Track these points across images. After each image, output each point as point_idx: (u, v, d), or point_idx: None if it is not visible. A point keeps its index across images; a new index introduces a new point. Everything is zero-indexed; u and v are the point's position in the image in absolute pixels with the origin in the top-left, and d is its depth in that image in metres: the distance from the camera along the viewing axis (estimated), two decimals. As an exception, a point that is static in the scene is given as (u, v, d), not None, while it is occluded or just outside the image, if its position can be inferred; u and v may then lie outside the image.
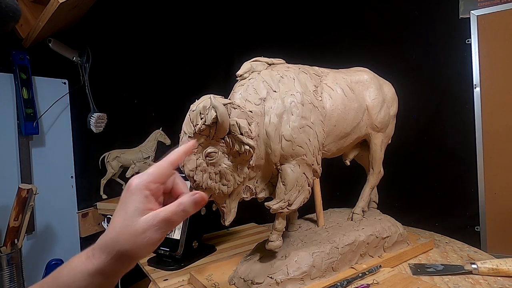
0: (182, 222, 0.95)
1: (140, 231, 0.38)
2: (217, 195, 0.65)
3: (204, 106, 0.60)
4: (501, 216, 1.17)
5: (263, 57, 0.78)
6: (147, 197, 0.40)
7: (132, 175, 0.48)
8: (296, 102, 0.71)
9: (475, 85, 1.21)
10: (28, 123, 1.32)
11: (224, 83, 1.73)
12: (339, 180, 1.31)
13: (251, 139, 0.63)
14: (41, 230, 1.39)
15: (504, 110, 1.16)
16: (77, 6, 1.26)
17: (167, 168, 0.43)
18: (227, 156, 0.64)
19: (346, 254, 0.79)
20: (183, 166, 0.63)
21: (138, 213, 0.39)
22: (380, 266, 0.80)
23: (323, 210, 0.94)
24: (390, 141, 0.97)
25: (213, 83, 1.78)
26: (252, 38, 1.69)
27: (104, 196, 1.62)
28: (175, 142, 0.61)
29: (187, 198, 0.42)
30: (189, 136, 0.61)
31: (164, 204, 0.42)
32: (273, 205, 0.71)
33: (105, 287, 0.40)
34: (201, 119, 0.59)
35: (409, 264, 0.86)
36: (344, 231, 0.84)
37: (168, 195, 0.45)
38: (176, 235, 0.95)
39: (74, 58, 1.51)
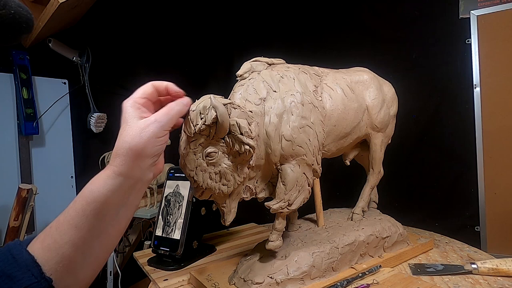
0: (182, 222, 0.95)
1: (142, 126, 0.45)
2: (217, 195, 0.65)
3: (204, 106, 0.60)
4: (501, 216, 1.17)
5: (263, 57, 0.78)
6: (139, 108, 0.48)
7: None
8: (296, 102, 0.71)
9: (475, 85, 1.21)
10: (28, 123, 1.32)
11: (224, 83, 1.73)
12: (339, 180, 1.31)
13: (251, 139, 0.63)
14: (41, 230, 1.39)
15: (504, 110, 1.16)
16: (77, 6, 1.26)
17: (149, 87, 0.51)
18: (227, 156, 0.64)
19: (346, 254, 0.79)
20: (183, 166, 0.63)
21: (137, 118, 0.46)
22: (380, 266, 0.80)
23: (323, 210, 0.94)
24: (390, 141, 0.97)
25: (213, 83, 1.78)
26: (252, 38, 1.69)
27: (104, 196, 1.62)
28: (175, 142, 0.61)
29: (179, 100, 0.53)
30: (188, 136, 0.61)
31: None
32: (273, 205, 0.71)
33: (126, 188, 0.44)
34: (201, 119, 0.59)
35: (409, 264, 0.86)
36: (344, 231, 0.84)
37: None
38: (176, 235, 0.95)
39: (74, 58, 1.51)
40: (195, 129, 0.60)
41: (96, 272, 0.45)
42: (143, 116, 0.47)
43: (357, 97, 0.85)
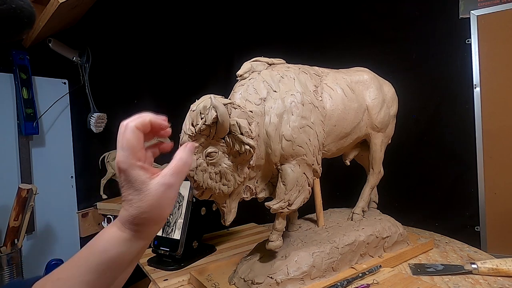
0: (182, 222, 0.95)
1: (159, 194, 0.42)
2: (217, 195, 0.65)
3: (205, 106, 0.60)
4: (501, 216, 1.17)
5: (263, 57, 0.78)
6: (142, 168, 0.43)
7: None
8: (296, 102, 0.71)
9: (475, 85, 1.21)
10: (28, 123, 1.32)
11: (224, 83, 1.73)
12: (339, 180, 1.31)
13: (252, 139, 0.63)
14: (41, 230, 1.39)
15: (504, 110, 1.16)
16: (77, 6, 1.26)
17: (135, 134, 0.43)
18: (227, 156, 0.64)
19: (346, 254, 0.79)
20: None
21: (146, 183, 0.42)
22: (380, 266, 0.80)
23: (323, 210, 0.94)
24: (390, 141, 0.97)
25: (213, 83, 1.78)
26: (252, 38, 1.69)
27: (104, 196, 1.62)
28: (175, 142, 0.61)
29: (182, 149, 0.46)
30: (189, 136, 0.61)
31: None
32: (273, 205, 0.71)
33: (142, 248, 0.44)
34: (201, 119, 0.59)
35: (409, 264, 0.86)
36: (344, 231, 0.84)
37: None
38: (176, 235, 0.95)
39: (74, 58, 1.51)
40: (195, 129, 0.60)
41: None
42: (150, 177, 0.42)
43: (357, 97, 0.85)
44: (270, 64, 0.78)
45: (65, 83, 1.51)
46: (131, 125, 0.43)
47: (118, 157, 0.43)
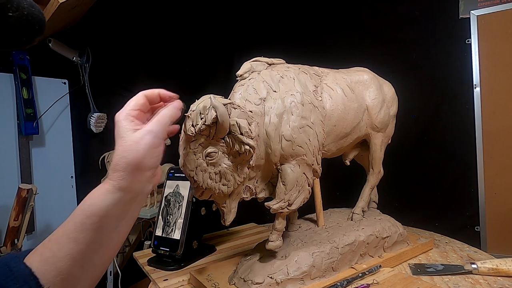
0: (182, 222, 0.95)
1: (138, 139, 0.45)
2: (217, 195, 0.65)
3: (204, 106, 0.60)
4: (501, 216, 1.17)
5: (263, 57, 0.78)
6: (133, 121, 0.47)
7: None
8: (296, 102, 0.71)
9: (475, 85, 1.21)
10: (28, 123, 1.32)
11: (224, 83, 1.73)
12: (339, 180, 1.31)
13: (251, 139, 0.63)
14: (41, 230, 1.40)
15: (504, 110, 1.16)
16: (77, 6, 1.26)
17: (141, 97, 0.51)
18: (227, 156, 0.64)
19: (346, 254, 0.79)
20: (183, 166, 0.63)
21: (130, 131, 0.46)
22: (380, 266, 0.80)
23: (323, 210, 0.94)
24: (390, 141, 0.97)
25: (213, 83, 1.78)
26: (252, 38, 1.69)
27: (104, 196, 1.62)
28: (175, 142, 0.61)
29: (170, 105, 0.52)
30: (188, 136, 0.61)
31: None
32: (273, 205, 0.71)
33: (125, 202, 0.44)
34: (201, 119, 0.59)
35: (409, 264, 0.86)
36: (344, 231, 0.84)
37: None
38: (176, 235, 0.95)
39: (74, 58, 1.51)
40: (195, 129, 0.60)
41: (94, 283, 0.45)
42: (137, 129, 0.47)
43: (357, 97, 0.85)
44: (270, 64, 0.78)
45: (65, 83, 1.51)
46: (140, 93, 0.51)
47: (118, 112, 0.48)
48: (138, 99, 0.50)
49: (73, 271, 0.41)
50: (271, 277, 0.70)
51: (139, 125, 0.47)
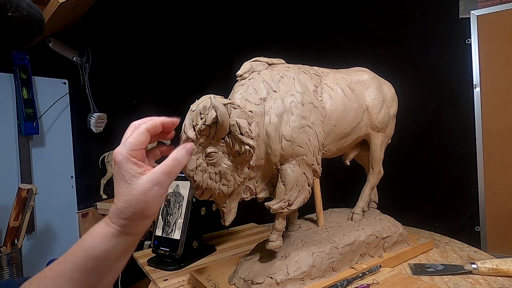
0: (182, 222, 0.95)
1: (146, 189, 0.43)
2: (217, 195, 0.65)
3: (204, 106, 0.60)
4: (501, 216, 1.17)
5: (263, 57, 0.78)
6: (136, 163, 0.44)
7: None
8: (296, 102, 0.71)
9: (475, 85, 1.21)
10: (28, 123, 1.32)
11: (224, 83, 1.72)
12: (339, 180, 1.30)
13: (251, 139, 0.63)
14: (41, 230, 1.40)
15: (504, 110, 1.16)
16: (77, 6, 1.26)
17: (143, 134, 0.47)
18: (227, 156, 0.64)
19: (346, 254, 0.79)
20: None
21: (136, 177, 0.43)
22: (380, 266, 0.80)
23: (323, 210, 0.94)
24: (390, 141, 0.97)
25: (213, 83, 1.78)
26: (252, 38, 1.69)
27: (104, 196, 1.62)
28: (175, 142, 0.61)
29: (179, 150, 0.48)
30: (188, 136, 0.61)
31: None
32: (273, 205, 0.71)
33: (128, 244, 0.44)
34: (201, 119, 0.59)
35: (409, 264, 0.86)
36: (344, 231, 0.84)
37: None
38: (176, 235, 0.95)
39: (74, 58, 1.51)
40: (195, 129, 0.60)
41: None
42: (143, 172, 0.44)
43: (357, 97, 0.85)
44: (270, 64, 0.78)
45: (65, 83, 1.51)
46: (143, 127, 0.46)
47: (117, 149, 0.45)
48: (139, 137, 0.46)
49: None
50: (271, 277, 0.70)
51: (143, 167, 0.45)
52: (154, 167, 0.47)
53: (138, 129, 0.46)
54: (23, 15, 0.37)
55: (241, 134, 0.62)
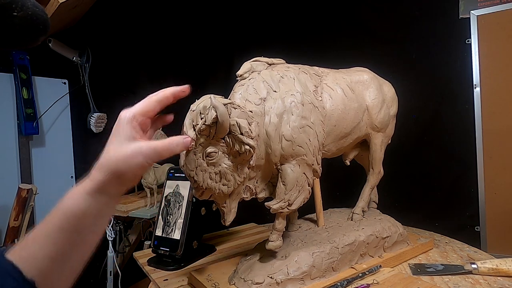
0: (182, 222, 0.95)
1: (131, 154, 0.44)
2: (217, 195, 0.65)
3: (204, 106, 0.60)
4: (501, 216, 1.17)
5: (263, 57, 0.78)
6: (135, 128, 0.47)
7: None
8: (296, 102, 0.71)
9: (475, 85, 1.21)
10: (28, 123, 1.32)
11: (224, 83, 1.73)
12: (339, 180, 1.31)
13: (251, 139, 0.63)
14: (41, 230, 1.39)
15: (504, 110, 1.16)
16: (77, 6, 1.26)
17: (153, 104, 0.49)
18: (227, 156, 0.64)
19: (346, 254, 0.79)
20: (183, 166, 0.63)
21: (128, 139, 0.45)
22: (380, 266, 0.80)
23: (323, 210, 0.94)
24: (390, 141, 0.97)
25: (213, 83, 1.78)
26: (252, 38, 1.69)
27: (104, 196, 1.62)
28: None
29: (178, 138, 0.50)
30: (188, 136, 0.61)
31: None
32: (273, 205, 0.71)
33: (104, 202, 0.44)
34: (201, 119, 0.59)
35: (409, 264, 0.86)
36: (344, 231, 0.84)
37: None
38: (176, 235, 0.95)
39: (74, 58, 1.51)
40: (195, 129, 0.60)
41: (73, 278, 0.45)
42: (136, 138, 0.46)
43: (357, 97, 0.85)
44: (270, 64, 0.78)
45: (65, 83, 1.51)
46: (153, 98, 0.49)
47: (125, 109, 0.47)
48: (148, 105, 0.49)
49: (52, 270, 0.41)
50: (271, 277, 0.70)
51: (139, 135, 0.47)
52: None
53: (149, 98, 0.49)
54: (28, 14, 0.37)
55: (241, 134, 0.62)
